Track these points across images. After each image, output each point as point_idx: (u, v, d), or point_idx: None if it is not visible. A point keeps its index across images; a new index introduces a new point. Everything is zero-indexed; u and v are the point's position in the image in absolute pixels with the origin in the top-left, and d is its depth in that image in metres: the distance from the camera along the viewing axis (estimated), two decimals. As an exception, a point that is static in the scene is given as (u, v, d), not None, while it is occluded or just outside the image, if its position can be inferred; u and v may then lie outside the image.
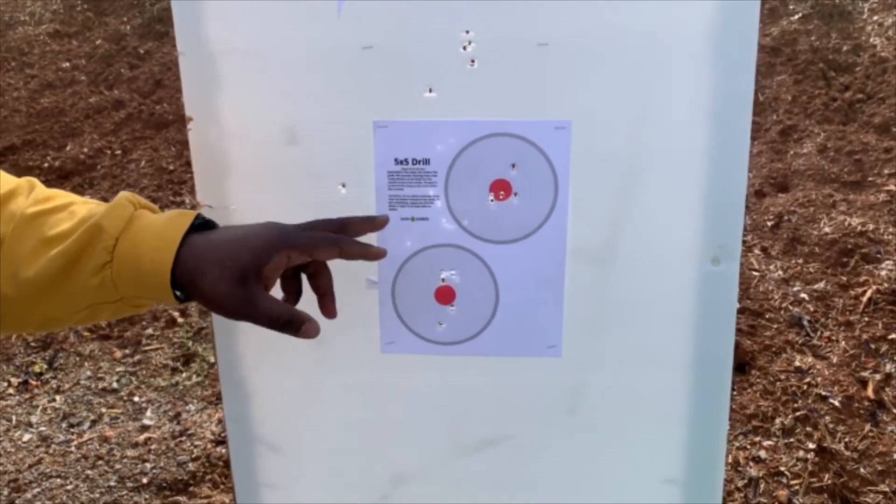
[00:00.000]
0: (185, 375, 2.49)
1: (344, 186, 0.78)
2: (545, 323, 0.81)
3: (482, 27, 0.74)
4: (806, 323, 2.37)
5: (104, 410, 2.38)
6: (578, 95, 0.75)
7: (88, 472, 2.13)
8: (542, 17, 0.73)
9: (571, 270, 0.79)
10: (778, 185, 2.96)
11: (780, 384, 2.20)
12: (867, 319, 2.34)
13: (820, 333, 2.34)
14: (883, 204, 2.73)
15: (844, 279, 2.47)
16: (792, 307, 2.44)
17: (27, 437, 2.27)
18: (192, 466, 2.11)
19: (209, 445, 2.19)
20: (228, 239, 0.63)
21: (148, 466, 2.13)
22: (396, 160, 0.78)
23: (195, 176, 0.78)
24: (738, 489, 1.96)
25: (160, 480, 2.08)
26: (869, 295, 2.39)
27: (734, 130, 0.76)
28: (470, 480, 0.86)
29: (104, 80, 4.24)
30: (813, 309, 2.44)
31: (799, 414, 2.10)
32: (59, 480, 2.10)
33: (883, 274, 2.45)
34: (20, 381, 2.52)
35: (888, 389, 2.13)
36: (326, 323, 0.79)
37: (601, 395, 0.82)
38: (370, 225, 0.74)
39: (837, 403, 2.11)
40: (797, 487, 1.93)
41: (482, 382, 0.83)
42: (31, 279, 0.60)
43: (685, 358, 0.80)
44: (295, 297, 0.71)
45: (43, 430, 2.31)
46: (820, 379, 2.20)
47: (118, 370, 2.54)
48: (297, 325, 0.63)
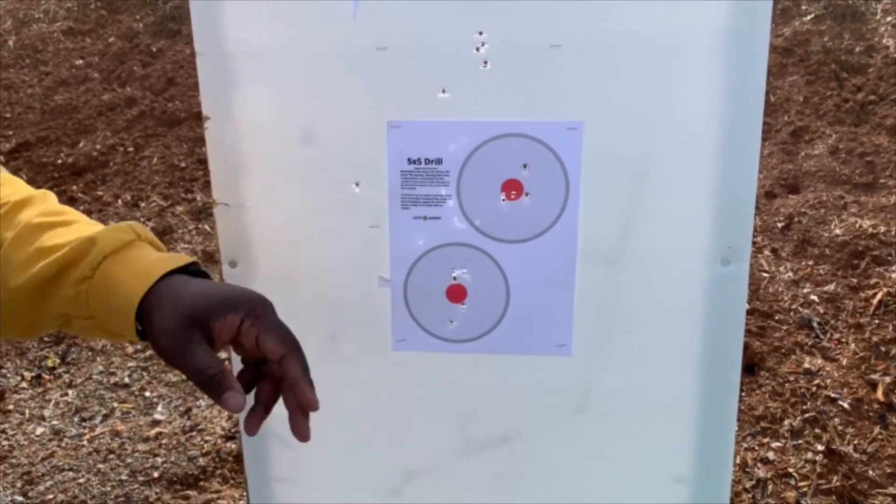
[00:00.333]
0: (195, 371, 2.51)
1: (357, 185, 0.79)
2: (555, 322, 0.81)
3: (495, 29, 0.74)
4: (815, 325, 2.37)
5: (116, 405, 2.40)
6: (590, 96, 0.75)
7: (100, 465, 2.15)
8: (554, 18, 0.74)
9: (582, 270, 0.80)
10: (789, 186, 2.95)
11: (788, 386, 2.19)
12: (877, 322, 2.33)
13: (829, 335, 2.34)
14: (894, 206, 2.72)
15: (855, 281, 2.46)
16: (802, 309, 2.43)
17: (40, 430, 2.30)
18: (202, 461, 2.13)
19: (219, 441, 2.21)
20: (202, 287, 0.61)
21: (159, 461, 2.15)
22: (409, 160, 0.79)
23: (211, 174, 0.79)
24: (745, 490, 1.96)
25: (171, 475, 2.10)
26: (879, 297, 2.38)
27: (745, 131, 0.76)
28: (480, 477, 0.87)
29: (117, 77, 4.28)
30: (823, 311, 2.43)
31: (808, 416, 2.10)
32: (71, 473, 2.13)
33: (894, 276, 2.45)
34: (33, 375, 2.55)
35: (898, 392, 2.13)
36: (338, 320, 0.80)
37: (611, 394, 0.83)
38: (302, 398, 0.67)
39: (846, 406, 2.11)
40: (805, 489, 1.93)
41: (492, 380, 0.84)
42: (19, 287, 0.60)
43: (694, 358, 0.81)
44: (246, 386, 0.66)
45: (55, 423, 2.33)
46: (829, 381, 2.19)
47: (130, 365, 2.56)
48: (220, 388, 0.59)
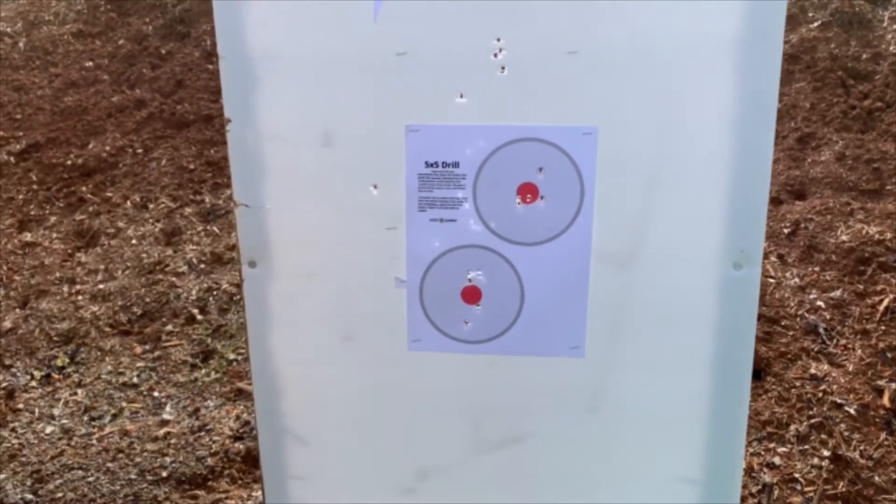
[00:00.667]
0: (203, 372, 2.53)
1: (375, 188, 0.81)
2: (569, 324, 0.83)
3: (513, 35, 0.76)
4: (822, 330, 2.37)
5: (125, 405, 2.42)
6: (605, 102, 0.77)
7: (109, 464, 2.17)
8: (571, 26, 0.75)
9: (596, 272, 0.81)
10: (795, 192, 2.96)
11: (795, 391, 2.20)
12: (883, 328, 2.34)
13: (836, 341, 2.34)
14: (901, 213, 2.73)
15: (861, 287, 2.47)
16: (808, 314, 2.44)
17: (49, 429, 2.32)
18: (210, 461, 2.14)
19: (227, 441, 2.22)
20: None
21: (167, 460, 2.16)
22: (427, 163, 0.80)
23: (232, 176, 0.81)
24: (752, 495, 1.97)
25: (179, 474, 2.11)
26: (886, 304, 2.39)
27: (757, 137, 0.77)
28: (492, 476, 0.89)
29: (126, 79, 4.30)
30: (829, 317, 2.44)
31: (814, 421, 2.11)
32: (80, 472, 2.14)
33: (900, 283, 2.45)
34: (43, 374, 2.56)
35: (904, 398, 2.13)
36: (355, 320, 0.82)
37: (622, 395, 0.84)
38: None
39: (853, 411, 2.11)
40: (811, 494, 1.94)
41: (506, 381, 0.86)
42: None
43: (706, 360, 0.82)
44: None
45: (65, 422, 2.35)
46: (835, 387, 2.20)
47: (138, 365, 2.58)
48: None
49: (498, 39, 0.76)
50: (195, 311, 2.78)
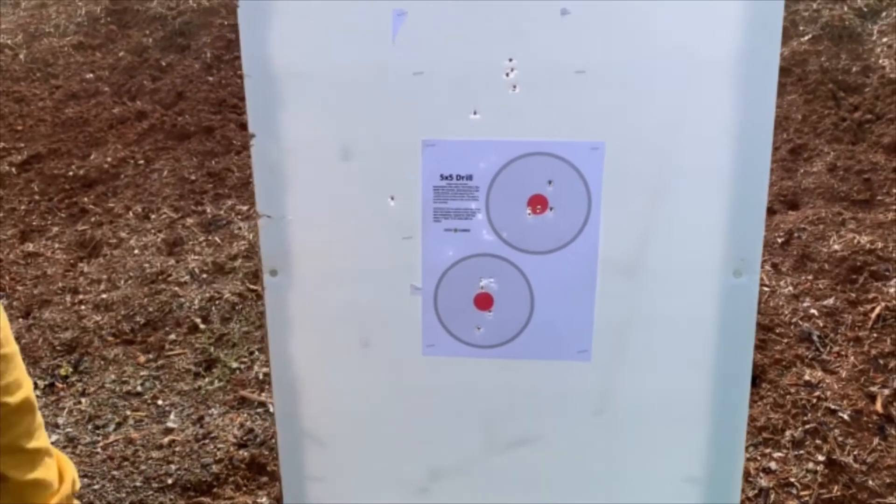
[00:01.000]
0: (207, 380, 2.56)
1: (392, 199, 0.85)
2: (576, 329, 0.87)
3: (524, 55, 0.80)
4: (815, 338, 2.42)
5: (129, 413, 2.44)
6: (612, 118, 0.81)
7: (114, 472, 2.19)
8: (579, 46, 0.79)
9: (602, 280, 0.85)
10: (788, 202, 3.02)
11: (790, 397, 2.24)
12: (876, 335, 2.38)
13: (829, 348, 2.39)
14: (891, 222, 2.78)
15: (853, 296, 2.52)
16: (802, 322, 2.49)
17: (54, 437, 2.34)
18: (215, 468, 2.17)
19: (232, 448, 2.24)
20: None
21: (172, 468, 2.19)
22: (442, 176, 0.84)
23: (255, 188, 0.85)
24: (749, 499, 2.00)
25: (185, 481, 2.13)
26: (878, 311, 2.44)
27: (755, 151, 0.82)
28: (502, 477, 0.92)
29: (127, 91, 4.34)
30: (822, 324, 2.48)
31: (809, 427, 2.15)
32: (86, 480, 2.16)
33: (891, 291, 2.50)
34: (46, 383, 2.58)
35: (896, 404, 2.18)
36: (372, 326, 0.86)
37: (628, 397, 0.88)
38: None
39: (846, 417, 2.16)
40: (807, 498, 1.97)
41: (516, 384, 0.89)
42: None
43: (707, 363, 0.86)
44: None
45: (69, 431, 2.37)
46: (829, 393, 2.24)
47: (142, 374, 2.60)
48: None
49: (510, 59, 0.81)
50: (198, 320, 2.80)
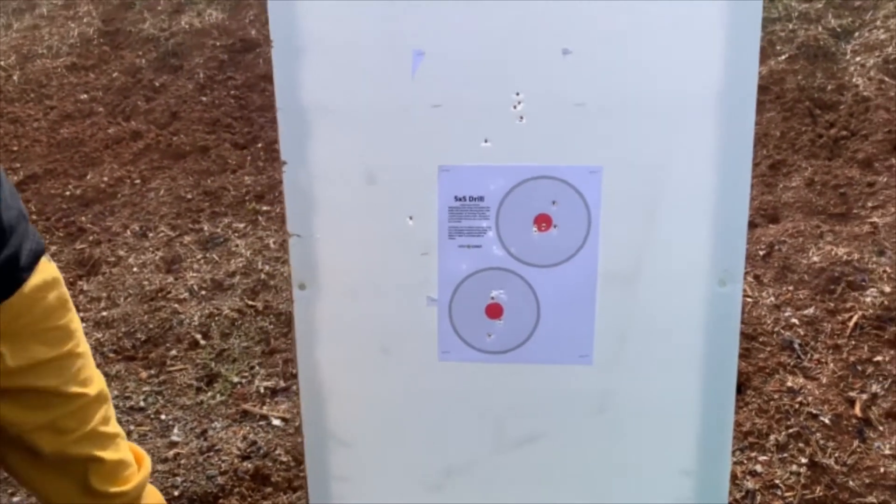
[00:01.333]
0: (209, 395, 2.61)
1: (411, 219, 0.94)
2: (579, 335, 0.96)
3: (530, 90, 0.90)
4: (797, 346, 2.52)
5: (133, 427, 2.49)
6: (608, 145, 0.91)
7: (121, 485, 2.24)
8: (579, 82, 0.89)
9: (602, 291, 0.94)
10: (769, 216, 3.13)
11: (773, 403, 2.34)
12: (854, 343, 2.49)
13: (810, 356, 2.49)
14: (867, 235, 2.90)
15: (832, 305, 2.62)
16: (783, 331, 2.59)
17: (60, 452, 2.38)
18: (220, 480, 2.22)
19: (236, 460, 2.30)
20: None
21: (179, 480, 2.24)
22: (456, 197, 0.93)
23: (287, 210, 0.93)
24: (737, 501, 2.09)
25: (191, 493, 2.19)
26: (855, 320, 2.55)
27: (737, 173, 0.91)
28: (512, 472, 1.00)
29: (121, 111, 4.40)
30: (803, 333, 2.58)
31: (792, 431, 2.24)
32: (93, 493, 2.21)
33: (868, 300, 2.61)
34: (50, 400, 2.63)
35: (874, 408, 2.28)
36: (392, 334, 0.94)
37: (626, 397, 0.97)
38: None
39: (827, 421, 2.25)
40: (791, 499, 2.07)
41: (524, 386, 0.98)
42: None
43: (697, 365, 0.95)
44: None
45: (75, 446, 2.42)
46: (811, 398, 2.34)
47: (144, 390, 2.65)
48: None
49: (517, 93, 0.90)
50: (198, 336, 2.86)
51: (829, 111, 3.59)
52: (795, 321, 2.60)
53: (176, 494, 2.19)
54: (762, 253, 2.92)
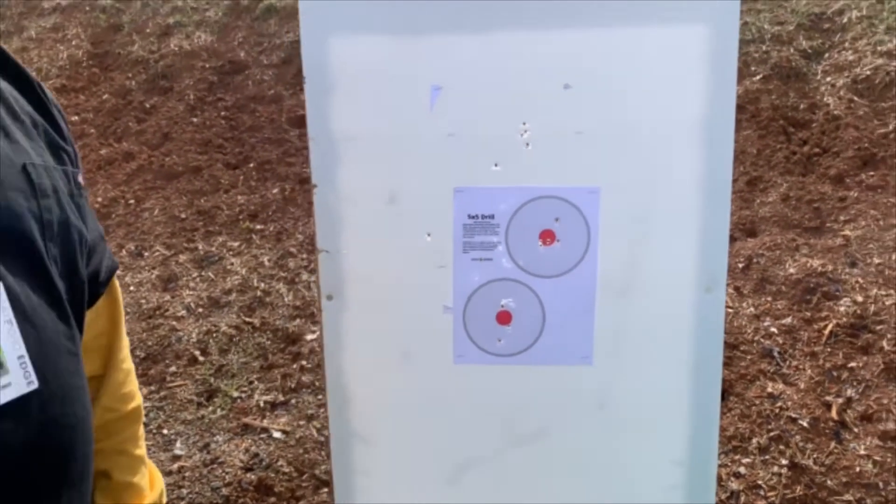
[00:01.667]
0: (209, 409, 2.68)
1: (429, 235, 1.04)
2: (580, 339, 1.06)
3: (535, 120, 1.00)
4: (776, 354, 2.64)
5: (136, 442, 2.55)
6: (605, 168, 1.01)
7: (128, 498, 2.30)
8: (579, 112, 1.00)
9: (600, 298, 1.04)
10: (747, 230, 3.26)
11: (755, 408, 2.45)
12: (829, 350, 2.62)
13: (788, 363, 2.61)
14: (840, 247, 3.05)
15: (808, 314, 2.75)
16: (763, 340, 2.71)
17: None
18: (225, 491, 2.29)
19: (239, 472, 2.37)
20: None
21: (184, 492, 2.30)
22: (469, 215, 1.03)
23: (316, 229, 1.03)
24: (722, 502, 2.20)
25: (197, 504, 2.25)
26: (830, 328, 2.67)
27: (718, 192, 1.03)
28: (521, 465, 1.10)
29: (113, 132, 4.47)
30: (782, 341, 2.71)
31: (773, 434, 2.36)
32: (100, 506, 2.26)
33: (842, 310, 2.75)
34: (52, 416, 2.68)
35: (849, 411, 2.40)
36: (411, 339, 1.04)
37: (624, 394, 1.07)
38: None
39: (806, 424, 2.37)
40: (773, 499, 2.17)
41: (532, 386, 1.08)
42: None
43: (686, 364, 1.06)
44: None
45: (80, 461, 2.46)
46: (790, 403, 2.46)
47: (146, 405, 2.71)
48: None
49: (524, 123, 1.01)
50: (196, 352, 2.93)
51: (802, 129, 3.74)
52: (774, 330, 2.72)
53: (182, 506, 2.25)
54: (741, 266, 3.05)
